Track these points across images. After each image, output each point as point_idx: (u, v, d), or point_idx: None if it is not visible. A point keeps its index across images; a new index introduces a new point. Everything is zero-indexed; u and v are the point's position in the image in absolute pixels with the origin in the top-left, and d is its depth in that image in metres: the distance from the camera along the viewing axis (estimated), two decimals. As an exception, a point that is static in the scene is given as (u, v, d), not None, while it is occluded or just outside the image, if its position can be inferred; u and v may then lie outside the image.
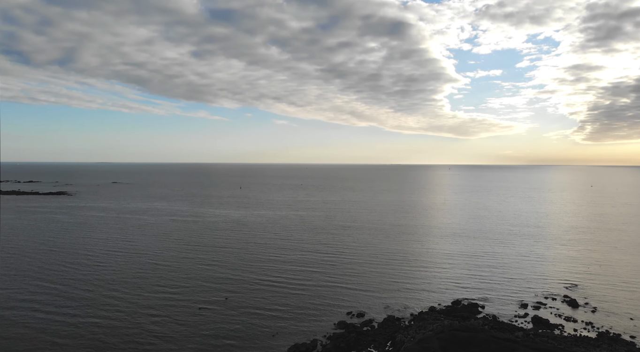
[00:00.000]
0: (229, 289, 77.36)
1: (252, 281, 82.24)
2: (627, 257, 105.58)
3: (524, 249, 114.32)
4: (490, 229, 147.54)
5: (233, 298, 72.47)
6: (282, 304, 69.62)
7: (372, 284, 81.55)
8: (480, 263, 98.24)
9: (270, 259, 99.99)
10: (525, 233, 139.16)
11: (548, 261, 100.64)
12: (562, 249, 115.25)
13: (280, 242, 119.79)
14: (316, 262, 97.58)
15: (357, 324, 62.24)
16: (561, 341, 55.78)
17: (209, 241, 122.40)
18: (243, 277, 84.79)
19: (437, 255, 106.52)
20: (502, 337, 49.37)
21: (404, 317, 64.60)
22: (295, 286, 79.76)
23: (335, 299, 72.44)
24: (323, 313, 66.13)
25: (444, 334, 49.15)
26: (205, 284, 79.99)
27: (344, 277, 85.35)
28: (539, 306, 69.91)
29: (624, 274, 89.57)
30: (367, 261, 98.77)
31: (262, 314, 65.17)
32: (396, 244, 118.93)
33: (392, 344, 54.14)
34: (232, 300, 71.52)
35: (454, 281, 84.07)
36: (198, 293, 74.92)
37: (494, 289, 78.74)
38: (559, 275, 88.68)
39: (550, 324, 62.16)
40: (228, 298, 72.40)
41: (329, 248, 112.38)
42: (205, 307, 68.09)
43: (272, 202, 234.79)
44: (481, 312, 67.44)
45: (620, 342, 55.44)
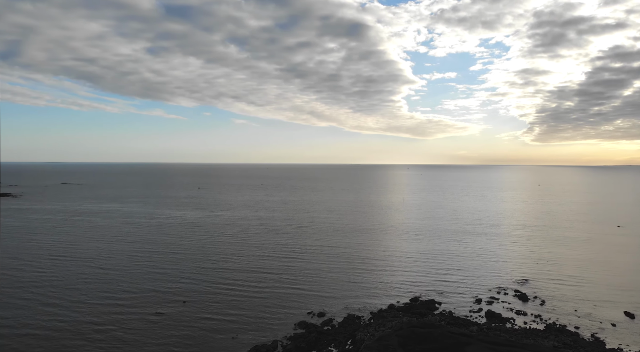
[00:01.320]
0: (186, 293, 75.31)
1: (210, 284, 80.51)
2: (573, 252, 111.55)
3: (477, 246, 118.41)
4: (445, 227, 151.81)
5: (191, 302, 70.63)
6: (241, 307, 68.58)
7: (332, 283, 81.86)
8: (437, 261, 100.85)
9: (229, 261, 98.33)
10: (478, 231, 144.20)
11: (500, 258, 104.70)
12: (513, 246, 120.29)
13: (238, 244, 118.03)
14: (275, 263, 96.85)
15: (317, 323, 62.25)
16: (512, 334, 58.21)
17: (163, 243, 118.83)
18: (201, 281, 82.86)
19: (395, 254, 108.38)
20: (457, 332, 50.83)
21: (363, 316, 65.22)
22: (255, 287, 78.81)
23: (295, 300, 72.15)
24: (283, 314, 65.70)
25: (403, 331, 50.00)
26: (161, 289, 77.49)
27: (303, 278, 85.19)
28: (492, 301, 72.58)
29: (570, 269, 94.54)
30: (326, 261, 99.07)
31: (222, 317, 63.93)
32: (355, 244, 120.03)
33: (352, 343, 54.49)
34: (191, 304, 69.69)
35: (412, 278, 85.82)
36: (154, 298, 72.45)
37: (450, 286, 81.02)
38: (511, 271, 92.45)
39: (502, 317, 64.66)
40: (186, 302, 70.52)
41: (288, 249, 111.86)
42: (162, 311, 65.98)
43: (231, 203, 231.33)
44: (438, 308, 69.22)
45: (566, 333, 58.52)
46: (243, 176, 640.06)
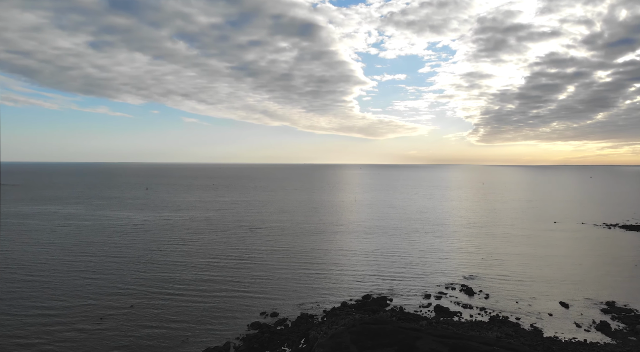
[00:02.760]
0: (132, 298, 72.29)
1: (159, 287, 77.83)
2: (515, 248, 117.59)
3: (426, 244, 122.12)
4: (396, 226, 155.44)
5: (139, 306, 67.93)
6: (192, 309, 66.79)
7: (285, 283, 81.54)
8: (388, 259, 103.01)
9: (177, 264, 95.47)
10: (427, 229, 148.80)
11: (448, 255, 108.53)
12: (460, 243, 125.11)
13: (187, 246, 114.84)
14: (226, 264, 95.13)
15: (270, 323, 61.76)
16: (459, 327, 60.57)
17: (106, 247, 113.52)
18: (149, 284, 79.90)
19: (347, 253, 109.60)
20: (408, 327, 52.15)
21: (317, 315, 65.41)
22: (205, 290, 77.02)
23: (247, 301, 71.22)
24: (235, 315, 64.66)
25: (355, 328, 50.61)
26: (104, 295, 73.84)
27: (255, 279, 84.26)
28: (440, 296, 75.08)
29: (512, 264, 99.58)
30: (278, 261, 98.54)
31: (171, 320, 61.95)
32: (307, 243, 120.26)
33: (305, 341, 54.48)
34: (139, 307, 67.02)
35: (364, 276, 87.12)
36: (95, 306, 68.90)
37: (401, 282, 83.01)
38: (458, 267, 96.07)
39: (450, 311, 67.05)
40: (134, 305, 67.74)
41: (239, 250, 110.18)
42: (108, 317, 62.95)
43: (179, 204, 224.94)
44: (389, 304, 70.69)
45: (508, 324, 61.64)
46: (193, 176, 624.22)
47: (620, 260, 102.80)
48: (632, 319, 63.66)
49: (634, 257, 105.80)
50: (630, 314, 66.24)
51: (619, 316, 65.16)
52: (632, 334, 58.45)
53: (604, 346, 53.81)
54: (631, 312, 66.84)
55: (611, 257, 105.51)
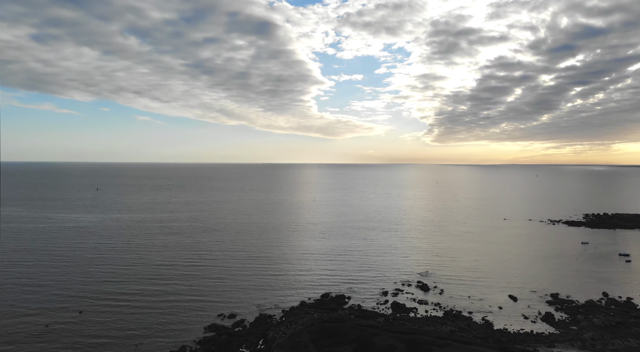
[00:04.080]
0: (82, 303, 69.07)
1: (109, 292, 74.75)
2: (468, 245, 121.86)
3: (383, 242, 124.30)
4: (353, 225, 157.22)
5: (88, 312, 64.96)
6: (144, 314, 64.60)
7: (243, 284, 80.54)
8: (346, 257, 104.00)
9: (129, 268, 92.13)
10: (384, 227, 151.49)
11: (404, 252, 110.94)
12: (416, 240, 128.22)
13: (139, 249, 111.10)
14: (180, 267, 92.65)
15: (228, 325, 60.81)
16: (415, 322, 62.10)
17: (51, 251, 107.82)
18: (99, 288, 76.60)
19: (305, 252, 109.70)
20: (365, 324, 52.82)
21: (275, 315, 65.03)
22: (159, 293, 74.77)
23: (204, 303, 69.74)
24: (192, 318, 63.14)
25: (314, 327, 50.71)
26: (52, 301, 70.20)
27: (212, 281, 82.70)
28: (397, 293, 76.61)
29: (465, 260, 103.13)
30: (235, 262, 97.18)
31: (123, 326, 59.63)
32: (265, 244, 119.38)
33: (264, 342, 54.03)
34: (88, 314, 64.07)
35: (323, 275, 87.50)
36: (44, 310, 65.40)
37: (359, 281, 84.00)
38: (414, 264, 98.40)
39: (406, 308, 68.56)
40: (83, 312, 64.70)
41: (194, 252, 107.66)
42: (54, 325, 59.73)
43: (131, 205, 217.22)
44: (347, 302, 71.37)
45: (461, 318, 63.82)
46: (147, 177, 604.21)
47: (563, 254, 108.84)
48: (573, 310, 67.61)
49: (576, 252, 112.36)
50: (571, 304, 70.31)
51: (562, 307, 69.01)
52: (574, 323, 62.08)
53: (549, 336, 56.77)
54: (572, 303, 70.96)
55: (555, 252, 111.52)
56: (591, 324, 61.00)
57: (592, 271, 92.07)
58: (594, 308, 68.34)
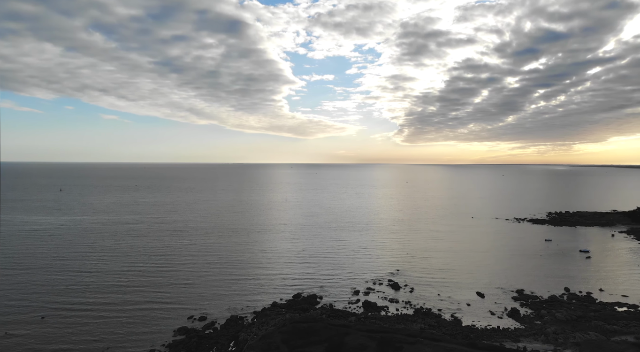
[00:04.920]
0: (44, 309, 66.54)
1: (72, 298, 72.29)
2: (437, 243, 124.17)
3: (355, 241, 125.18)
4: (325, 225, 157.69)
5: (51, 316, 62.67)
6: (111, 319, 62.82)
7: (214, 286, 79.50)
8: (318, 257, 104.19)
9: (94, 272, 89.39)
10: (355, 227, 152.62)
11: (376, 251, 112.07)
12: (387, 240, 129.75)
13: (104, 252, 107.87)
14: (147, 270, 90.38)
15: (198, 328, 59.88)
16: (386, 321, 62.85)
17: (10, 254, 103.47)
18: (61, 295, 73.92)
19: (277, 253, 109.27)
20: (337, 323, 53.07)
21: (246, 316, 64.49)
22: (126, 297, 72.88)
23: (173, 306, 68.43)
24: (160, 322, 61.84)
25: (286, 328, 50.56)
26: (12, 307, 67.35)
27: (181, 283, 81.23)
28: (368, 292, 77.32)
29: (435, 258, 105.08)
30: (205, 264, 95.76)
31: (89, 333, 57.80)
32: (236, 245, 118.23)
33: (235, 344, 53.48)
34: (51, 318, 61.80)
35: (294, 276, 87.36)
36: (3, 318, 62.63)
37: (331, 280, 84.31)
38: (385, 262, 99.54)
39: (377, 306, 69.30)
40: (45, 317, 62.33)
41: (162, 255, 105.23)
42: (13, 336, 57.22)
43: (95, 207, 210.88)
44: (319, 302, 71.52)
45: (431, 316, 65.02)
46: (113, 177, 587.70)
47: (527, 251, 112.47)
48: (537, 305, 70.02)
49: (539, 249, 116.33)
50: (536, 300, 72.78)
51: (527, 303, 71.33)
52: (538, 318, 64.30)
53: (514, 331, 58.57)
54: (537, 299, 73.46)
55: (520, 249, 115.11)
56: (554, 319, 63.30)
57: (555, 267, 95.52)
58: (557, 303, 70.95)
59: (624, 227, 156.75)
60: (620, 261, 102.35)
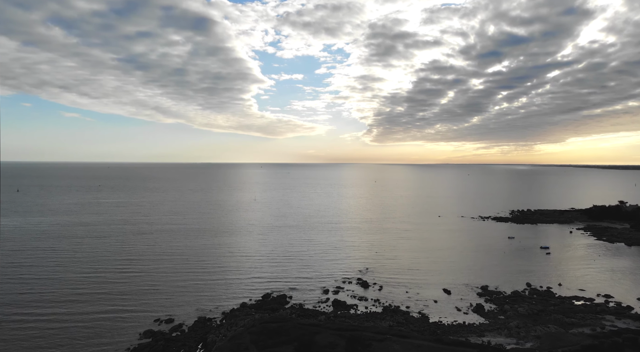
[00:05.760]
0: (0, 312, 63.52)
1: (31, 304, 69.29)
2: (405, 242, 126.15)
3: (324, 241, 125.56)
4: (294, 224, 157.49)
5: (7, 322, 59.85)
6: (74, 324, 60.54)
7: (181, 288, 78.00)
8: (287, 257, 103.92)
9: (53, 276, 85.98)
10: (325, 226, 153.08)
11: (345, 250, 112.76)
12: (356, 238, 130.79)
13: (63, 255, 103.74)
14: (109, 273, 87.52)
15: (165, 330, 58.58)
16: (356, 319, 63.37)
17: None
18: (18, 301, 70.72)
19: (246, 252, 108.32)
20: (307, 323, 53.15)
21: (215, 317, 63.61)
22: (87, 301, 70.41)
23: (138, 310, 66.64)
24: (125, 326, 60.12)
25: (255, 328, 50.23)
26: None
27: (146, 285, 79.28)
28: (338, 291, 77.73)
29: (403, 256, 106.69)
30: (172, 266, 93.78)
31: (50, 335, 55.58)
32: (203, 246, 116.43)
33: (203, 346, 52.70)
34: (6, 330, 58.97)
35: (264, 276, 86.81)
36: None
37: (300, 280, 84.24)
38: (354, 261, 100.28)
39: (347, 305, 69.78)
40: (1, 323, 59.48)
41: (125, 257, 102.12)
42: (-36, 339, 54.38)
43: (55, 207, 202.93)
44: (289, 302, 71.34)
45: (399, 313, 66.00)
46: (75, 177, 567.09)
47: (492, 248, 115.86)
48: (501, 300, 72.26)
49: (503, 246, 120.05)
50: (499, 296, 75.08)
51: (491, 298, 73.48)
52: (501, 313, 66.37)
53: (479, 326, 60.22)
54: (500, 294, 75.79)
55: (485, 246, 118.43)
56: (516, 313, 65.49)
57: (517, 264, 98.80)
58: (519, 298, 73.41)
59: (581, 224, 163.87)
60: (578, 257, 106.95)
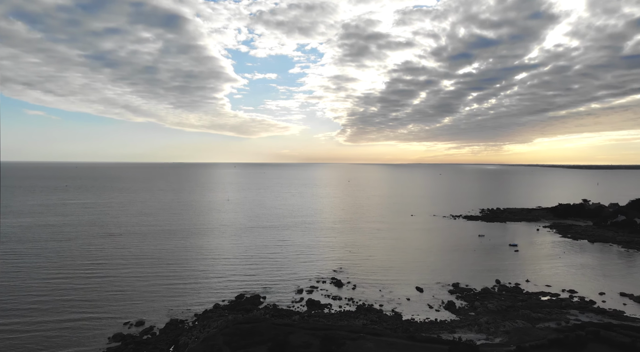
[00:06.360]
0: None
1: (-5, 305, 66.61)
2: (379, 241, 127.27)
3: (298, 241, 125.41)
4: (268, 224, 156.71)
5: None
6: (35, 330, 58.48)
7: (152, 290, 76.42)
8: (261, 257, 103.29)
9: (15, 279, 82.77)
10: (298, 226, 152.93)
11: (319, 250, 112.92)
12: (329, 238, 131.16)
13: (26, 258, 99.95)
14: (77, 277, 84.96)
15: (135, 334, 57.28)
16: (330, 318, 63.55)
17: None
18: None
19: (219, 253, 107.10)
20: (281, 323, 52.98)
21: (187, 319, 62.62)
22: (53, 306, 68.13)
23: (107, 314, 64.88)
24: (94, 331, 58.46)
25: (228, 329, 49.71)
26: None
27: (115, 288, 77.32)
28: (312, 290, 77.78)
29: (377, 255, 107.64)
30: (141, 269, 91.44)
31: (7, 348, 53.45)
32: (173, 248, 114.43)
33: (175, 348, 51.82)
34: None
35: (237, 277, 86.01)
36: None
37: (274, 280, 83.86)
38: (328, 261, 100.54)
39: (321, 304, 69.88)
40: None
41: (94, 260, 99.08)
42: None
43: (18, 209, 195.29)
44: (263, 302, 70.93)
45: (373, 311, 66.57)
46: (39, 177, 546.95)
47: (463, 246, 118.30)
48: (471, 297, 73.87)
49: (473, 244, 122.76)
50: (470, 293, 76.75)
51: (462, 296, 75.02)
52: (472, 309, 67.84)
53: (450, 323, 61.40)
54: (471, 291, 77.48)
55: (456, 245, 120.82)
56: (486, 310, 67.07)
57: (487, 261, 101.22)
58: (489, 295, 75.23)
59: (547, 222, 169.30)
60: (544, 253, 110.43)
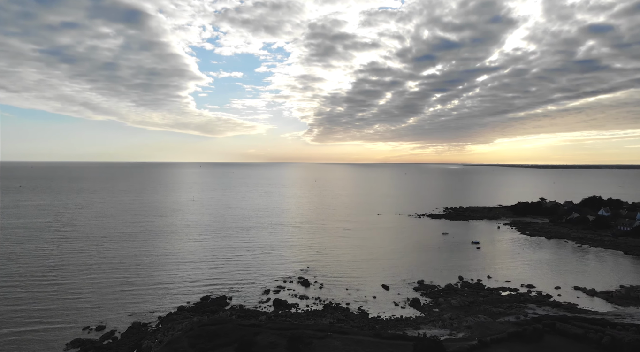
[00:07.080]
0: None
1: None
2: (346, 240, 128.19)
3: (265, 241, 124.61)
4: (234, 225, 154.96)
5: None
6: (-10, 335, 55.53)
7: (113, 293, 74.02)
8: (227, 258, 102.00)
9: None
10: (265, 227, 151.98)
11: (286, 250, 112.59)
12: (296, 238, 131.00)
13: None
14: (30, 282, 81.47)
15: (95, 339, 55.28)
16: (297, 318, 63.44)
17: None
18: None
19: (183, 255, 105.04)
20: (247, 323, 52.48)
21: (151, 322, 60.99)
22: (7, 315, 65.02)
23: (65, 320, 62.27)
24: (50, 336, 56.05)
25: (193, 331, 48.82)
26: None
27: (72, 294, 74.27)
28: (279, 290, 77.43)
29: (343, 254, 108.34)
30: (101, 273, 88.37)
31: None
32: (135, 249, 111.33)
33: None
34: None
35: (202, 278, 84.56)
36: None
37: (240, 281, 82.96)
38: (295, 260, 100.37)
39: (288, 304, 69.68)
40: None
41: (49, 264, 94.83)
42: None
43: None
44: (229, 303, 70.03)
45: (340, 310, 66.96)
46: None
47: (427, 244, 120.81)
48: (435, 294, 75.54)
49: (438, 241, 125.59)
50: (434, 289, 78.47)
51: (426, 292, 76.60)
52: (436, 306, 69.37)
53: (415, 319, 62.55)
54: (435, 288, 79.23)
55: (421, 243, 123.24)
56: (450, 306, 68.74)
57: (451, 258, 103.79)
58: (452, 291, 77.16)
59: (507, 220, 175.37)
60: (505, 250, 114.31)
